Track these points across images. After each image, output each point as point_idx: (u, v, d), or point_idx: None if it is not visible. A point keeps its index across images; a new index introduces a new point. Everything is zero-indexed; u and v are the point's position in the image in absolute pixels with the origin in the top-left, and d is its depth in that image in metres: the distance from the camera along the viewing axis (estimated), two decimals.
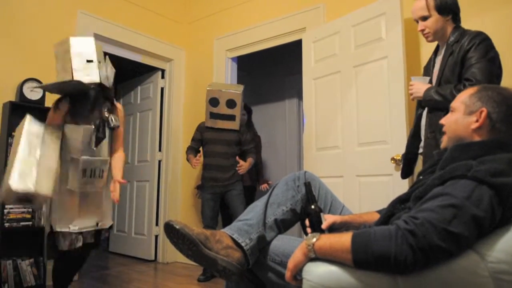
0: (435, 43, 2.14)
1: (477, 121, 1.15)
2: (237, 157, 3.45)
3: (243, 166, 3.42)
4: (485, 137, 1.15)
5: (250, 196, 3.87)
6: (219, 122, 3.48)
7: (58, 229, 2.17)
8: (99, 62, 2.25)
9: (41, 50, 3.28)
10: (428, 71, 2.14)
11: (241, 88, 3.54)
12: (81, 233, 2.22)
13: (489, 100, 1.16)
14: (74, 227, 2.19)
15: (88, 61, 2.21)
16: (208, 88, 3.48)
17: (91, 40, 2.27)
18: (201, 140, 3.56)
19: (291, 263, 1.08)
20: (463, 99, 1.22)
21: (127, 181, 2.52)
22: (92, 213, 2.28)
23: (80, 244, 2.20)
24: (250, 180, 3.95)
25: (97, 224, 2.31)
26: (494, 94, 1.16)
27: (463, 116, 1.19)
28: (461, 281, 0.93)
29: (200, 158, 3.49)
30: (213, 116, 3.48)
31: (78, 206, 2.23)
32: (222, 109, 3.44)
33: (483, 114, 1.15)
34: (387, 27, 2.65)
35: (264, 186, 4.00)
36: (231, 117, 3.45)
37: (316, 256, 1.02)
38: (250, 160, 3.49)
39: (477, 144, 1.13)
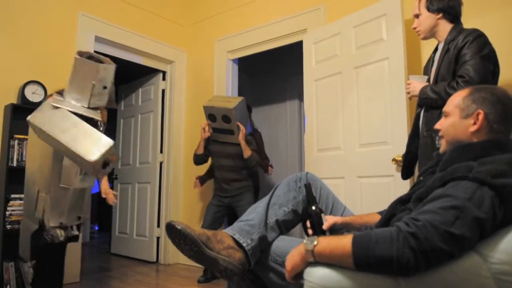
0: (435, 44, 2.14)
1: (474, 123, 1.15)
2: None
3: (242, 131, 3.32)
4: (484, 139, 1.14)
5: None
6: (222, 136, 3.48)
7: (52, 225, 2.26)
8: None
9: (43, 53, 3.30)
10: (427, 70, 2.15)
11: (236, 101, 3.41)
12: (66, 227, 2.34)
13: (484, 102, 1.15)
14: (65, 222, 2.31)
15: (104, 87, 2.24)
16: (204, 105, 3.45)
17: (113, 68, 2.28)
18: (209, 151, 3.58)
19: (288, 265, 1.08)
20: (457, 102, 1.21)
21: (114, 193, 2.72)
22: (77, 208, 2.39)
23: (62, 238, 2.29)
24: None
25: (79, 218, 2.41)
26: (488, 95, 1.15)
27: (460, 120, 1.19)
28: (463, 283, 0.93)
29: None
30: (215, 131, 3.48)
31: (70, 202, 2.33)
32: (221, 124, 3.43)
33: (481, 116, 1.14)
34: (388, 28, 2.65)
35: (270, 170, 3.98)
36: (230, 132, 3.42)
37: (315, 260, 1.01)
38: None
39: (477, 145, 1.12)
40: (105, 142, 2.05)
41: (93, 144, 2.02)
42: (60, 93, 2.28)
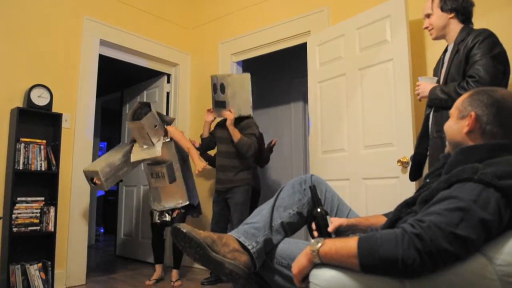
0: (440, 45, 2.14)
1: (468, 125, 1.16)
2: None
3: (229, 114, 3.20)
4: (478, 141, 1.15)
5: (253, 200, 3.64)
6: (217, 112, 3.34)
7: (153, 208, 3.51)
8: None
9: (48, 56, 3.32)
10: (437, 72, 2.14)
11: (236, 74, 3.43)
12: (166, 211, 3.45)
13: (479, 104, 1.16)
14: (161, 207, 3.46)
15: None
16: (211, 75, 3.38)
17: None
18: (214, 137, 3.46)
19: (295, 269, 1.08)
20: (457, 104, 1.24)
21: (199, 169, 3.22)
22: (171, 198, 3.44)
23: (167, 218, 3.42)
24: (254, 183, 3.83)
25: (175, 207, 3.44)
26: (484, 97, 1.16)
27: (456, 121, 1.21)
28: (469, 285, 0.92)
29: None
30: (214, 104, 3.35)
31: (160, 195, 3.47)
32: (219, 96, 3.30)
33: (472, 118, 1.15)
34: (392, 29, 2.64)
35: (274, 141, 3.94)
36: (223, 104, 3.26)
37: (321, 261, 1.01)
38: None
39: (482, 147, 1.12)
40: (96, 165, 3.24)
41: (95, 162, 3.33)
42: None
